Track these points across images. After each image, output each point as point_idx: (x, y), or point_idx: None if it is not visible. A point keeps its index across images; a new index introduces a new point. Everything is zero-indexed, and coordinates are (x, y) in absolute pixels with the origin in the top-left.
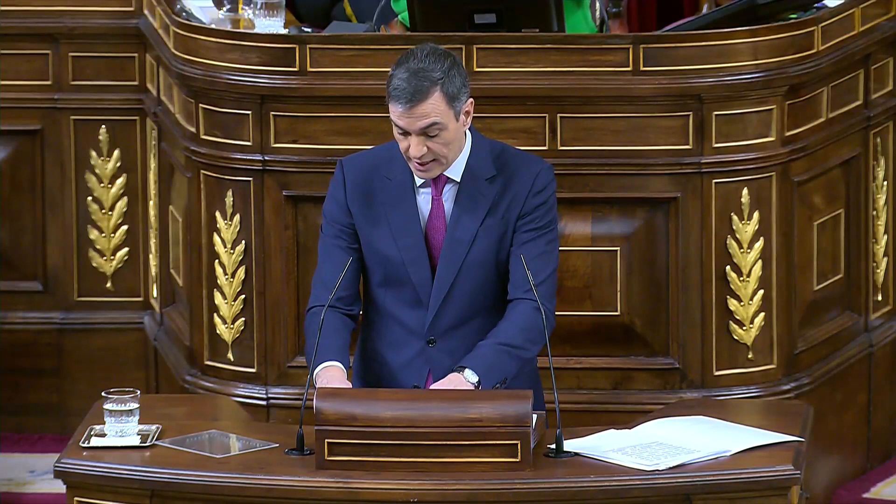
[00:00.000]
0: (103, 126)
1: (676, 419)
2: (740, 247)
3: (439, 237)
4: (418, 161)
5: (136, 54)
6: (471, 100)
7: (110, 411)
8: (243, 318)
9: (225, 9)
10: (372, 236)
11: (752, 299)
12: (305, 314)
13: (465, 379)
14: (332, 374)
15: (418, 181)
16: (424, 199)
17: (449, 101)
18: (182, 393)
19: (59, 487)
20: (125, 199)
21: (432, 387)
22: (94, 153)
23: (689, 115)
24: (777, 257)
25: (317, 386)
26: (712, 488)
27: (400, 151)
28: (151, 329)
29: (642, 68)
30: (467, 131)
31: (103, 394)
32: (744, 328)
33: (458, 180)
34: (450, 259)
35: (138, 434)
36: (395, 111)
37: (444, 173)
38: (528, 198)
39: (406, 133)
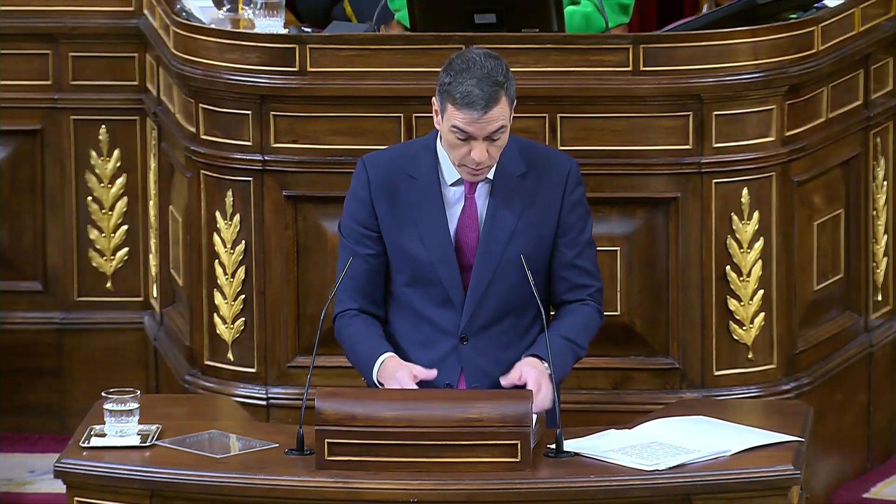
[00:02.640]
0: (103, 126)
1: (676, 419)
2: (740, 247)
3: (472, 235)
4: (476, 167)
5: (136, 54)
6: (515, 101)
7: (110, 411)
8: (243, 318)
9: (225, 9)
10: (398, 236)
11: (752, 299)
12: (333, 322)
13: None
14: (393, 363)
15: (449, 179)
16: (454, 197)
17: (510, 104)
18: (182, 393)
19: (59, 487)
20: (125, 199)
21: (525, 372)
22: (94, 153)
23: (689, 115)
24: (777, 257)
25: (384, 383)
26: (712, 488)
27: (423, 149)
28: (151, 329)
29: (642, 68)
30: None
31: (103, 394)
32: (744, 328)
33: (491, 177)
34: (486, 257)
35: (138, 434)
36: (466, 118)
37: None
38: (564, 198)
39: (467, 139)
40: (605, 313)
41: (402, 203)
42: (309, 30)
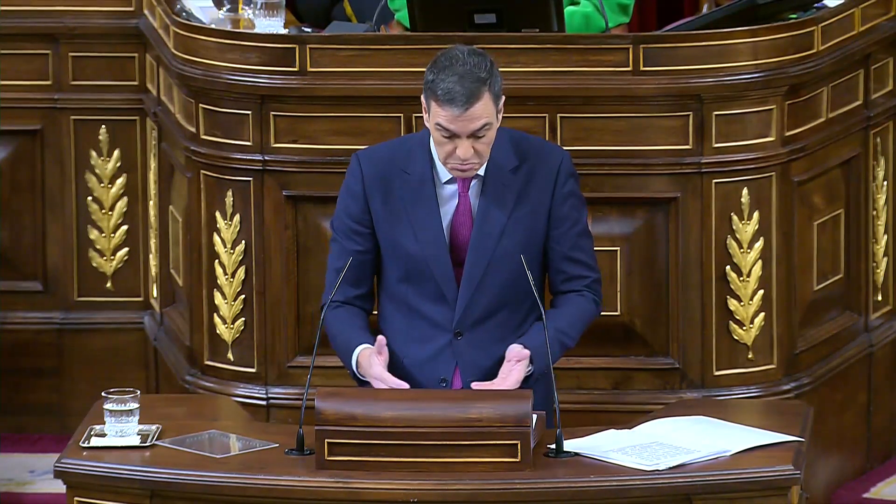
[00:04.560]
0: (103, 126)
1: (676, 419)
2: (740, 247)
3: (466, 232)
4: (463, 165)
5: (136, 54)
6: (503, 98)
7: (110, 411)
8: (243, 318)
9: (225, 9)
10: (392, 232)
11: (752, 299)
12: (321, 311)
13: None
14: (366, 362)
15: (444, 176)
16: (448, 195)
17: (494, 101)
18: (182, 393)
19: (59, 487)
20: (125, 199)
21: (509, 360)
22: (94, 153)
23: (689, 115)
24: (777, 257)
25: (362, 374)
26: (712, 488)
27: (417, 145)
28: (151, 329)
29: (642, 68)
30: None
31: (103, 394)
32: (744, 328)
33: (482, 174)
34: (479, 252)
35: (138, 434)
36: (447, 115)
37: None
38: (555, 190)
39: (452, 137)
40: (606, 313)
41: (396, 198)
42: (309, 30)
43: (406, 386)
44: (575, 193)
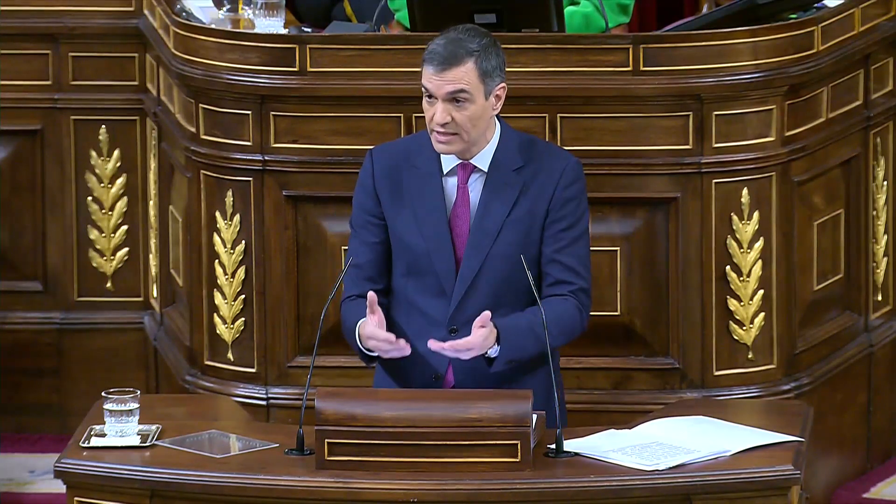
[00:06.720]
0: (103, 126)
1: (676, 419)
2: (740, 247)
3: (463, 226)
4: (440, 130)
5: (136, 54)
6: (503, 85)
7: (110, 411)
8: (243, 318)
9: (225, 9)
10: (397, 224)
11: (752, 299)
12: (340, 305)
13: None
14: (364, 327)
15: (445, 168)
16: (450, 187)
17: (481, 76)
18: (182, 393)
19: (59, 487)
20: (125, 199)
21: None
22: (94, 153)
23: (689, 115)
24: (777, 257)
25: (365, 345)
26: (712, 488)
27: (429, 140)
28: (151, 329)
29: (642, 68)
30: (497, 122)
31: (103, 394)
32: (744, 328)
33: (486, 170)
34: (475, 249)
35: (138, 434)
36: (426, 74)
37: (472, 161)
38: (555, 192)
39: (432, 100)
40: (606, 313)
41: (403, 192)
42: (309, 30)
43: (392, 339)
44: (575, 198)
